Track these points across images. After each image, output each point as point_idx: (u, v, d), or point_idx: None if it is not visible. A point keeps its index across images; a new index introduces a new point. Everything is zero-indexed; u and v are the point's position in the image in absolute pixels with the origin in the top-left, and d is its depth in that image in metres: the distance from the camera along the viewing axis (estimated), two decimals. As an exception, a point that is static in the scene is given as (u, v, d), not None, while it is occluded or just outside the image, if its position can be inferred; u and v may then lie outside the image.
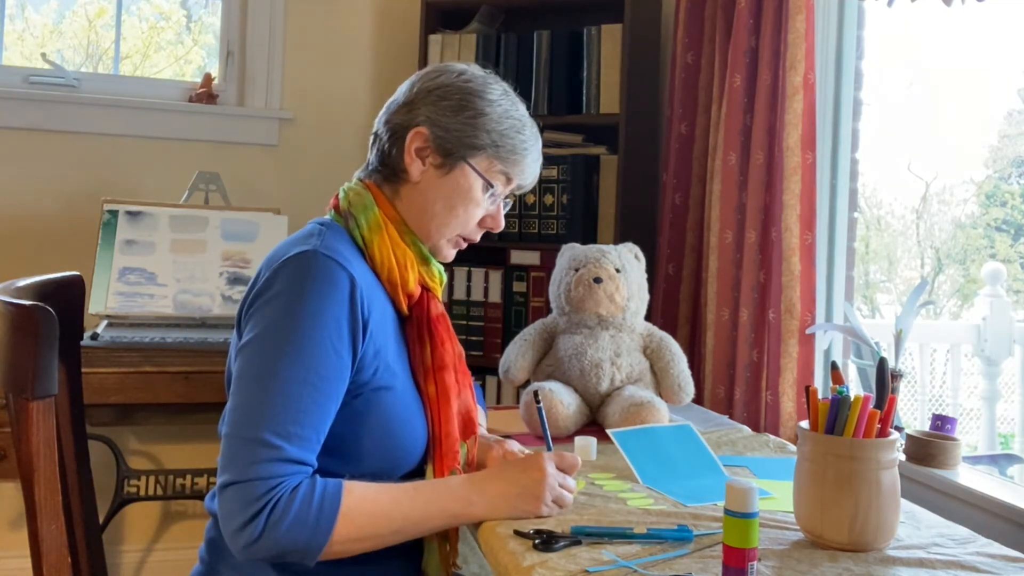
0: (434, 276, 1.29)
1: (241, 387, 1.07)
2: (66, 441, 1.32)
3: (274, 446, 1.03)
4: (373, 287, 1.19)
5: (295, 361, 1.06)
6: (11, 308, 1.13)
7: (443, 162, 1.23)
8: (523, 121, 1.28)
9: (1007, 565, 1.09)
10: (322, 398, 1.07)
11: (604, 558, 1.06)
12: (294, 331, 1.06)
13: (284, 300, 1.08)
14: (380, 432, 1.16)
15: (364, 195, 1.24)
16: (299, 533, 1.02)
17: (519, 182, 1.30)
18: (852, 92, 2.06)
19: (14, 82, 2.48)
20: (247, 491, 1.01)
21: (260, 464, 1.02)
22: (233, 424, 1.05)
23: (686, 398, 1.76)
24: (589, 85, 2.41)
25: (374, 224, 1.21)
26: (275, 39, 2.64)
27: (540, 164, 1.32)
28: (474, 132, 1.23)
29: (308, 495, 1.03)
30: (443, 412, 1.21)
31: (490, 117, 1.23)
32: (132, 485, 2.28)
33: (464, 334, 2.51)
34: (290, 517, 1.01)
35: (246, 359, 1.08)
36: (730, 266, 2.10)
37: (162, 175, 2.54)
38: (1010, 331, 3.47)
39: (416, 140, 1.22)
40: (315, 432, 1.07)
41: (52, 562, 1.14)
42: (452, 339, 1.28)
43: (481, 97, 1.24)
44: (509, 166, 1.26)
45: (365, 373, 1.14)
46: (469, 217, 1.26)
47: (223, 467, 1.04)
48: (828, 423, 1.14)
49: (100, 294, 2.17)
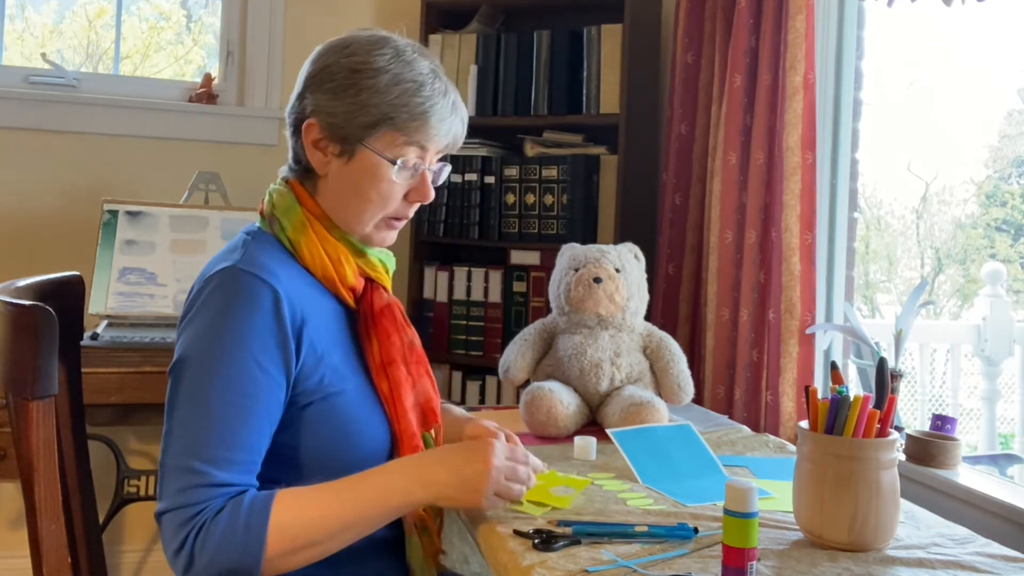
0: (375, 267, 1.23)
1: (169, 414, 1.05)
2: (66, 441, 1.32)
3: (200, 472, 1.01)
4: (311, 290, 1.15)
5: (218, 384, 1.03)
6: (11, 308, 1.13)
7: (342, 150, 1.16)
8: (419, 81, 1.15)
9: (1007, 565, 1.09)
10: (251, 417, 1.05)
11: (604, 558, 1.06)
12: (216, 353, 1.04)
13: (204, 322, 1.06)
14: (338, 438, 1.13)
15: (286, 195, 1.19)
16: (228, 554, 1.00)
17: (436, 145, 1.19)
18: (852, 92, 2.06)
19: (14, 82, 2.48)
20: (175, 519, 1.01)
21: (187, 491, 1.01)
22: (165, 453, 1.04)
23: (686, 398, 1.76)
24: (589, 85, 2.41)
25: (298, 224, 1.16)
26: (275, 39, 2.64)
27: (459, 118, 1.21)
28: (363, 109, 1.13)
29: (233, 515, 1.00)
30: (398, 408, 1.18)
31: (375, 89, 1.13)
32: (132, 485, 2.28)
33: (464, 334, 2.51)
34: (215, 539, 0.99)
35: (172, 385, 1.06)
36: (730, 266, 2.10)
37: (162, 175, 2.54)
38: (1010, 331, 3.47)
39: (310, 133, 1.16)
40: (246, 453, 1.05)
41: (52, 562, 1.14)
42: (399, 330, 1.22)
43: (365, 70, 1.14)
44: (413, 133, 1.15)
45: (309, 382, 1.11)
46: (385, 199, 1.17)
47: (158, 496, 1.04)
48: (828, 423, 1.14)
49: (100, 294, 2.17)
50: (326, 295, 1.19)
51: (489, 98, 2.50)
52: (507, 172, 2.47)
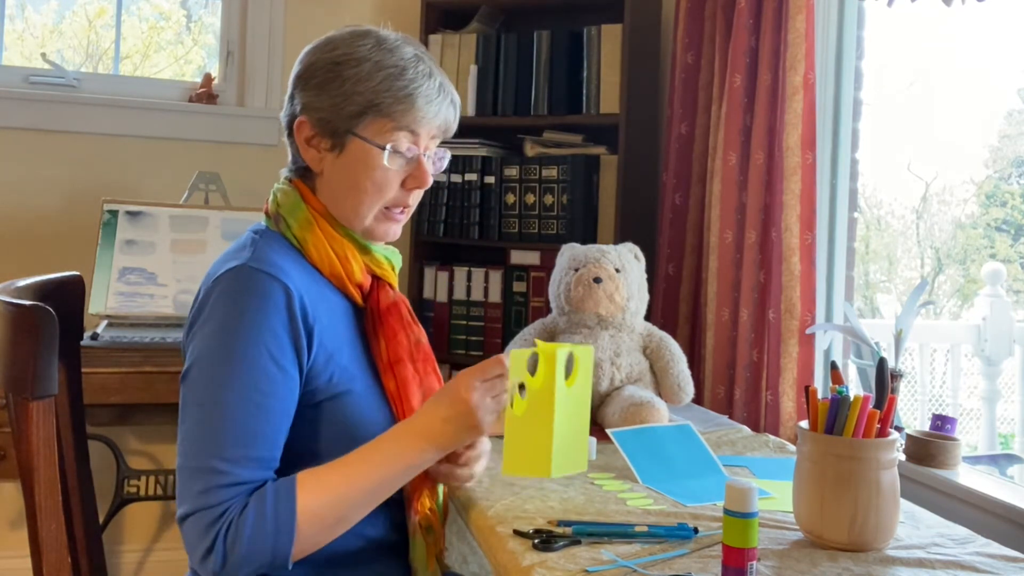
0: (381, 264, 1.23)
1: (186, 417, 1.05)
2: (66, 441, 1.32)
3: (222, 471, 1.01)
4: (320, 287, 1.16)
5: (235, 383, 1.03)
6: (11, 308, 1.13)
7: (333, 144, 1.16)
8: (401, 65, 1.15)
9: (1007, 565, 1.09)
10: (269, 415, 1.05)
11: (604, 558, 1.06)
12: (231, 353, 1.04)
13: (218, 322, 1.06)
14: (345, 438, 1.12)
15: (291, 194, 1.19)
16: (262, 546, 1.00)
17: (427, 128, 1.18)
18: (852, 92, 2.06)
19: (14, 82, 2.48)
20: (200, 521, 1.00)
21: (209, 492, 1.01)
22: (182, 455, 1.04)
23: (686, 398, 1.76)
24: (589, 85, 2.41)
25: (304, 222, 1.17)
26: (275, 39, 2.64)
27: (448, 100, 1.20)
28: (347, 99, 1.14)
29: (259, 507, 1.01)
30: (405, 406, 1.18)
31: (358, 78, 1.14)
32: (132, 485, 2.28)
33: (464, 334, 2.51)
34: (246, 536, 0.99)
35: (188, 388, 1.06)
36: (730, 266, 2.10)
37: (162, 175, 2.54)
38: (1010, 331, 3.47)
39: (302, 131, 1.17)
40: (267, 450, 1.05)
41: (52, 562, 1.14)
42: (406, 328, 1.22)
43: (346, 61, 1.14)
44: (400, 118, 1.15)
45: (319, 380, 1.11)
46: (380, 187, 1.17)
47: (179, 500, 1.03)
48: (828, 423, 1.14)
49: (100, 294, 2.17)
50: (334, 293, 1.19)
51: (489, 98, 2.50)
52: (507, 172, 2.47)
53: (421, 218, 2.54)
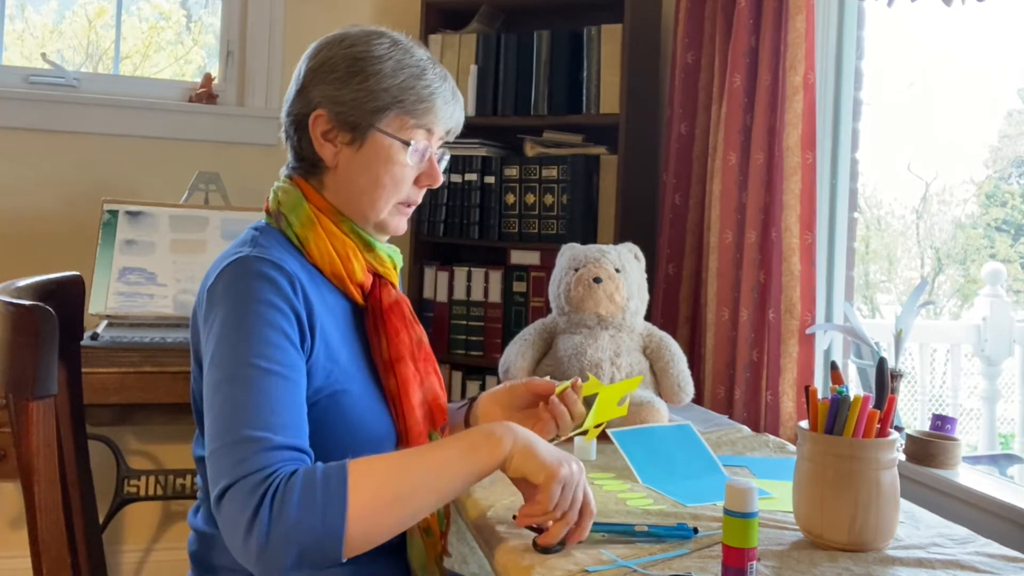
0: (383, 261, 1.23)
1: (213, 402, 1.03)
2: (66, 441, 1.32)
3: (258, 438, 0.97)
4: (319, 287, 1.15)
5: (255, 359, 1.02)
6: (11, 308, 1.13)
7: (352, 137, 1.17)
8: (420, 66, 1.19)
9: (1006, 565, 1.09)
10: (291, 386, 1.04)
11: (604, 558, 1.06)
12: (246, 332, 1.03)
13: (227, 308, 1.05)
14: (344, 438, 1.12)
15: (292, 192, 1.19)
16: (310, 518, 0.93)
17: (441, 129, 1.21)
18: (852, 92, 2.06)
19: (14, 82, 2.49)
20: (242, 489, 0.94)
21: (248, 459, 0.96)
22: (211, 438, 1.00)
23: (686, 398, 1.76)
24: (589, 85, 2.41)
25: (306, 220, 1.17)
26: (275, 39, 2.64)
27: (459, 103, 1.23)
28: (371, 95, 1.15)
29: (309, 474, 0.95)
30: (405, 406, 1.17)
31: (383, 74, 1.16)
32: (132, 485, 2.28)
33: (464, 334, 2.51)
34: (294, 501, 0.92)
35: (209, 376, 1.05)
36: (730, 266, 2.10)
37: (162, 175, 2.54)
38: (1010, 331, 3.47)
39: (319, 124, 1.17)
40: (297, 418, 1.03)
41: (52, 562, 1.14)
42: (408, 327, 1.22)
43: (367, 58, 1.16)
44: (421, 116, 1.18)
45: (318, 377, 1.11)
46: (398, 183, 1.19)
47: (214, 481, 0.97)
48: (828, 423, 1.14)
49: (100, 294, 2.17)
50: (333, 293, 1.19)
51: (489, 98, 2.50)
52: (507, 172, 2.48)
53: (421, 218, 2.54)
